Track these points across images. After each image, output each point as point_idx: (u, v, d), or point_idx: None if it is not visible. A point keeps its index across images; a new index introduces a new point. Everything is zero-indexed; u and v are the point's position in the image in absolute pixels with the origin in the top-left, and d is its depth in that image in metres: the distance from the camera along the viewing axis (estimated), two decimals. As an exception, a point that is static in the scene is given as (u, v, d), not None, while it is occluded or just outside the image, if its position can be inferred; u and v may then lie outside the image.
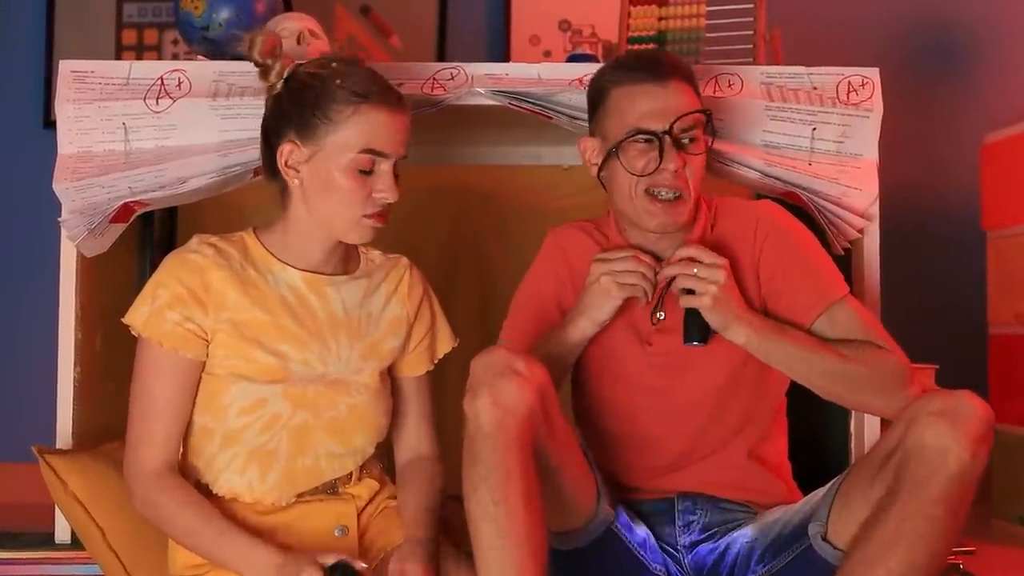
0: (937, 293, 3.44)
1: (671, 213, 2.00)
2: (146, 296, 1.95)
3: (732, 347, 1.97)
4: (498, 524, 1.75)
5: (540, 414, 1.83)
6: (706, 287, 1.93)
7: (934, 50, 3.52)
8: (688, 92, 2.02)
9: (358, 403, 2.00)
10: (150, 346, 1.94)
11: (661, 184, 1.99)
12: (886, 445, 1.83)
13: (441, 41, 3.48)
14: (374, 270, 2.09)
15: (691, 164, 2.00)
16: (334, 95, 1.92)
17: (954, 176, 3.46)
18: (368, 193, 1.94)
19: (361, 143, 1.92)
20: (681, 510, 2.06)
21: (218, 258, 1.96)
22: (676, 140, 1.98)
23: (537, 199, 2.96)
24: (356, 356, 2.02)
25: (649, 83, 1.99)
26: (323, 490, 2.00)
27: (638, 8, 2.62)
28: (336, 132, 1.92)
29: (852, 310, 2.02)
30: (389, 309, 2.08)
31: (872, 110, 2.34)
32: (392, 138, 1.94)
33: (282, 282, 1.99)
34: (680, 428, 2.05)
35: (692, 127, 2.00)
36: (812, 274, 2.04)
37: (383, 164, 1.94)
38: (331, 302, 2.01)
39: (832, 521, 1.88)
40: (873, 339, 1.99)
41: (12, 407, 3.34)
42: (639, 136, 1.98)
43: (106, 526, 2.13)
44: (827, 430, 2.48)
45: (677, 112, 1.98)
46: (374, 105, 1.93)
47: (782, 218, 2.10)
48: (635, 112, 1.99)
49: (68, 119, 2.32)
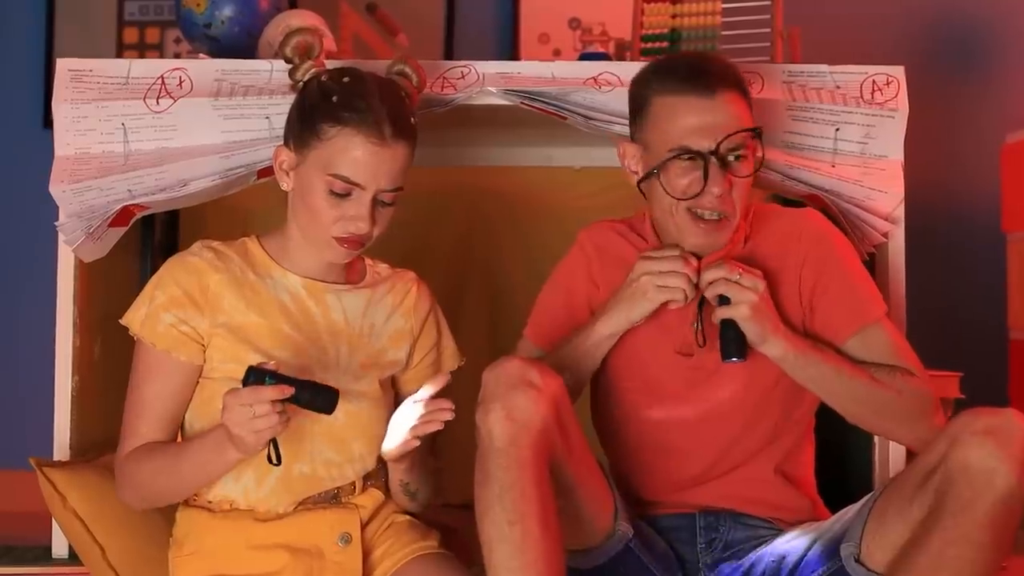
0: (956, 297, 3.40)
1: (713, 235, 1.93)
2: (144, 297, 1.96)
3: (768, 362, 1.91)
4: (513, 546, 1.68)
5: (555, 427, 1.77)
6: (744, 294, 1.86)
7: (953, 48, 3.48)
8: (737, 103, 1.93)
9: (357, 411, 1.97)
10: (144, 347, 1.95)
11: (705, 206, 1.91)
12: (925, 463, 1.76)
13: (449, 39, 3.46)
14: (379, 282, 2.08)
15: (737, 186, 1.92)
16: (326, 111, 1.90)
17: (974, 177, 3.42)
18: (339, 216, 1.90)
19: (334, 167, 1.89)
20: (703, 526, 2.00)
21: (217, 261, 1.97)
22: (722, 159, 1.90)
23: (549, 200, 2.94)
24: (356, 365, 2.00)
25: (694, 96, 1.90)
26: (325, 499, 1.97)
27: (651, 5, 2.59)
28: (318, 148, 1.90)
29: (886, 332, 1.96)
30: (392, 322, 2.05)
31: (897, 109, 2.29)
32: (370, 170, 1.88)
33: (282, 287, 1.99)
34: (708, 442, 1.99)
35: (740, 145, 1.92)
36: (850, 291, 1.98)
37: (359, 193, 1.89)
38: (331, 310, 2.00)
39: (866, 542, 1.81)
40: (904, 364, 1.93)
41: (10, 412, 3.31)
42: (683, 155, 1.90)
43: (106, 543, 2.10)
44: (850, 441, 2.43)
45: (725, 129, 1.89)
46: (358, 131, 1.88)
47: (826, 229, 2.03)
48: (678, 128, 1.90)
49: (65, 119, 2.29)
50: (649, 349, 2.00)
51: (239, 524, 1.92)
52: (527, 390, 1.75)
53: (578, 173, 2.91)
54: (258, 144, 2.24)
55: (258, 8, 2.48)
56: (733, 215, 1.93)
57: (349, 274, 2.05)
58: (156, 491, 1.94)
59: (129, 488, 1.94)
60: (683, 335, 1.99)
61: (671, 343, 2.00)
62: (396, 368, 2.05)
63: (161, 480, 1.91)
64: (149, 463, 1.90)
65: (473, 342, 2.14)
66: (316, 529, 1.94)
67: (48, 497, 2.14)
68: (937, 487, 1.70)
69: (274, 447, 1.80)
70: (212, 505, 1.94)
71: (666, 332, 1.99)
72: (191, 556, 1.93)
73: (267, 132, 2.25)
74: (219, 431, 1.79)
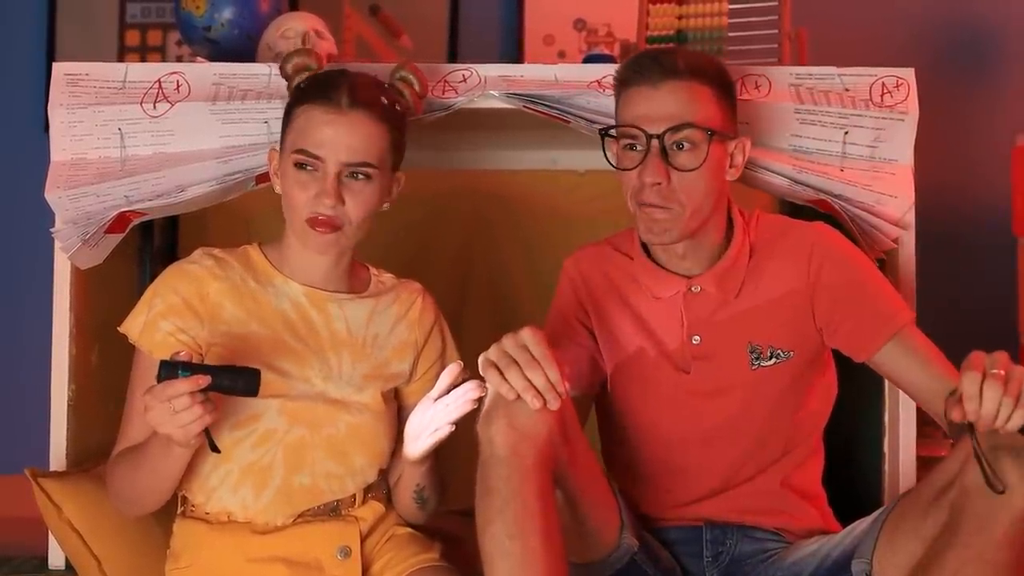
0: (967, 301, 3.37)
1: (654, 224, 1.90)
2: (143, 305, 1.95)
3: (773, 372, 1.89)
4: (514, 561, 1.63)
5: (559, 438, 1.73)
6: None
7: (963, 50, 3.45)
8: (691, 93, 1.88)
9: (358, 423, 1.95)
10: (142, 354, 1.93)
11: (644, 197, 1.90)
12: (940, 479, 1.72)
13: (453, 41, 3.44)
14: (384, 292, 2.06)
15: (683, 179, 1.88)
16: (298, 96, 1.95)
17: (984, 180, 3.38)
18: (307, 198, 1.90)
19: (297, 143, 1.90)
20: (710, 540, 1.97)
21: (217, 269, 1.95)
22: (663, 148, 1.87)
23: (553, 204, 2.90)
24: (359, 376, 1.97)
25: (644, 85, 1.89)
26: (324, 511, 1.95)
27: (657, 6, 2.56)
28: (288, 133, 1.94)
29: (916, 339, 1.93)
30: (396, 333, 2.03)
31: (907, 112, 2.25)
32: (327, 141, 1.88)
33: (284, 296, 1.97)
34: (715, 459, 1.97)
35: (687, 139, 1.88)
36: (871, 305, 1.94)
37: (321, 167, 1.89)
38: (333, 319, 1.98)
39: (878, 558, 1.77)
40: (939, 371, 1.89)
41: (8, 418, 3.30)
42: (624, 139, 1.90)
43: (102, 555, 2.08)
44: (859, 453, 2.40)
45: (668, 118, 1.87)
46: (316, 105, 1.90)
47: (839, 245, 2.00)
48: (627, 116, 1.91)
49: (61, 124, 2.25)
50: (649, 367, 1.98)
51: (236, 537, 1.90)
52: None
53: (583, 177, 2.88)
54: (257, 149, 2.22)
55: (258, 10, 2.46)
56: (679, 207, 1.89)
57: (353, 283, 2.03)
58: (129, 496, 1.92)
59: (112, 495, 1.94)
60: (678, 351, 1.96)
61: (670, 360, 1.97)
62: (399, 380, 2.03)
63: (127, 485, 1.89)
64: (119, 468, 1.90)
65: (475, 348, 2.10)
66: (315, 542, 1.91)
67: (44, 508, 2.11)
68: (952, 503, 1.67)
69: (208, 437, 1.75)
70: (209, 517, 1.92)
71: (662, 350, 1.97)
72: (187, 569, 1.91)
73: (266, 137, 2.22)
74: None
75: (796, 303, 1.94)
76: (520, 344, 1.66)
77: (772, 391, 1.94)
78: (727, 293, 1.96)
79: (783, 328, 1.94)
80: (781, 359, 1.94)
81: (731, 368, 1.95)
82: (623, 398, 2.01)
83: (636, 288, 2.01)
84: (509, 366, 1.66)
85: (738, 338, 1.95)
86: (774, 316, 1.95)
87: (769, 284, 1.94)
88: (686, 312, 1.96)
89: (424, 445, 1.89)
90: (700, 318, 1.95)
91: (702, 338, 1.95)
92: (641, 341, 1.98)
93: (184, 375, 1.69)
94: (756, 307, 1.95)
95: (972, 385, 1.57)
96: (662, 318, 1.98)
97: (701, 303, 1.96)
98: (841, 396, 2.09)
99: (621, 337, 2.01)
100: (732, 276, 1.96)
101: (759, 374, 1.92)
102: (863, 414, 2.34)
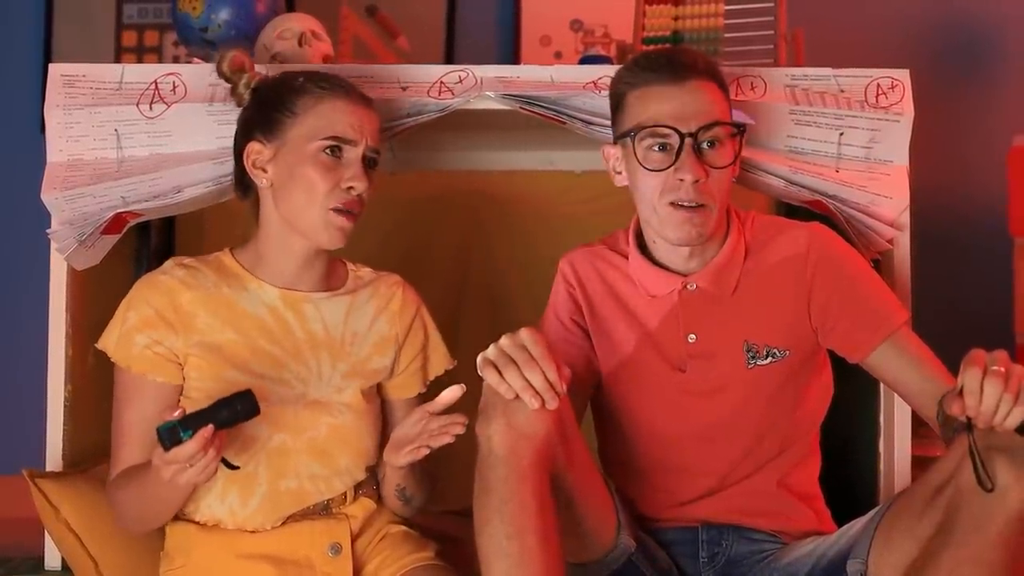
0: (962, 301, 3.36)
1: (690, 223, 1.89)
2: (117, 320, 1.94)
3: (770, 371, 1.89)
4: (512, 561, 1.64)
5: (557, 438, 1.72)
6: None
7: (958, 51, 3.45)
8: (711, 91, 1.90)
9: (340, 423, 1.95)
10: (121, 370, 1.93)
11: (681, 196, 1.88)
12: (935, 478, 1.72)
13: (449, 42, 3.44)
14: (361, 287, 2.05)
15: (714, 176, 1.89)
16: (298, 90, 1.95)
17: (980, 181, 3.38)
18: (335, 183, 1.91)
19: (326, 131, 1.92)
20: (706, 540, 1.96)
21: (189, 278, 1.94)
22: (696, 145, 1.87)
23: (550, 205, 2.90)
24: (339, 376, 1.97)
25: (667, 83, 1.89)
26: (315, 511, 1.95)
27: (653, 7, 2.56)
28: (300, 124, 1.93)
29: (910, 341, 1.93)
30: (376, 328, 2.02)
31: (903, 114, 2.25)
32: (357, 126, 1.93)
33: (258, 300, 1.96)
34: (712, 459, 1.96)
35: (718, 136, 1.89)
36: (866, 305, 1.94)
37: (350, 152, 1.92)
38: (309, 320, 1.97)
39: (873, 559, 1.76)
40: (932, 373, 1.89)
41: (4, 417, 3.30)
42: (655, 138, 1.88)
43: (99, 556, 2.08)
44: (854, 453, 2.39)
45: (698, 115, 1.87)
46: (338, 95, 1.94)
47: (835, 245, 2.00)
48: (651, 115, 1.89)
49: (57, 125, 2.24)
50: (645, 366, 1.98)
51: (227, 537, 1.90)
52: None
53: (580, 177, 2.88)
54: (252, 150, 2.21)
55: (255, 12, 2.46)
56: (712, 204, 1.89)
57: (330, 281, 2.02)
58: (136, 518, 1.92)
59: (118, 516, 1.93)
60: (675, 349, 1.96)
61: (666, 359, 1.97)
62: (381, 376, 2.02)
63: (134, 511, 1.90)
64: (124, 492, 1.89)
65: (472, 348, 2.09)
66: (305, 540, 1.92)
67: (41, 509, 2.11)
68: (948, 504, 1.66)
69: (224, 463, 1.78)
70: (199, 525, 1.92)
71: (659, 350, 1.97)
72: (180, 570, 1.92)
73: (263, 137, 2.22)
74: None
75: (792, 303, 1.94)
76: (518, 344, 1.66)
77: (768, 390, 1.94)
78: (723, 290, 1.95)
79: (779, 327, 1.94)
80: (777, 358, 1.94)
81: (727, 367, 1.95)
82: (619, 397, 2.00)
83: (631, 287, 2.01)
84: (507, 366, 1.66)
85: (734, 337, 1.95)
86: (770, 315, 1.95)
87: (765, 283, 1.94)
88: (682, 310, 1.96)
89: (402, 460, 1.89)
90: (696, 316, 1.95)
91: (698, 336, 1.95)
92: (637, 340, 1.97)
93: (186, 435, 1.68)
94: (752, 306, 1.95)
95: (973, 380, 1.58)
96: (658, 316, 1.98)
97: (697, 301, 1.96)
98: (836, 396, 2.09)
99: (616, 336, 2.01)
100: (728, 272, 1.96)
101: (755, 373, 1.92)
102: (858, 414, 2.34)
